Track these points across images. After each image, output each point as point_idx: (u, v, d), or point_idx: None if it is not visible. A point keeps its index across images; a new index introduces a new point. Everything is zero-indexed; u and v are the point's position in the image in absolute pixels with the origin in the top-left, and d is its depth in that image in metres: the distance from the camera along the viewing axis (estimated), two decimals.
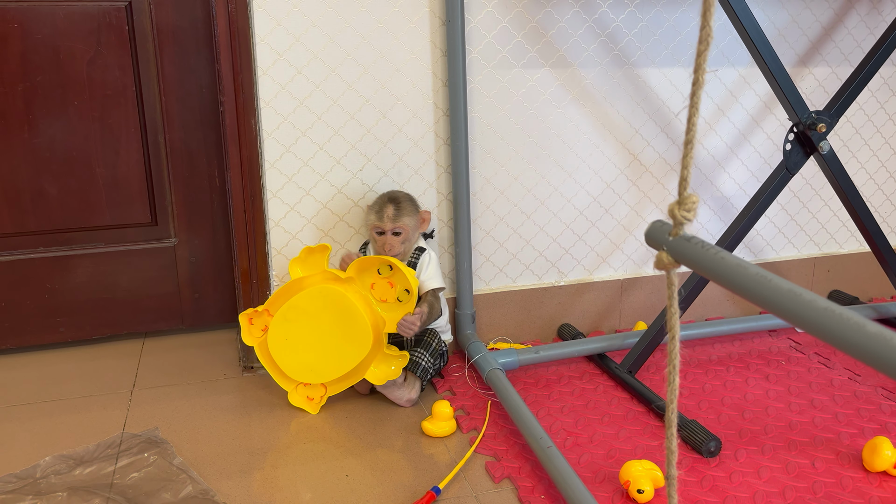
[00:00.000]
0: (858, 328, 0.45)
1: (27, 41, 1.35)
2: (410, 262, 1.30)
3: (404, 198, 1.30)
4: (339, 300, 1.22)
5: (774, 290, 0.51)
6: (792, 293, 0.51)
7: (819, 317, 0.48)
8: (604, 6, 1.41)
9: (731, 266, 0.56)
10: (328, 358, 1.23)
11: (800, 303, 0.49)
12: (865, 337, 0.45)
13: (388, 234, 1.27)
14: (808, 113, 1.26)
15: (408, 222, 1.28)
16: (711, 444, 1.10)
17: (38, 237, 1.45)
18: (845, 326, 0.46)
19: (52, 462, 1.10)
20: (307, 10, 1.25)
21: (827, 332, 0.47)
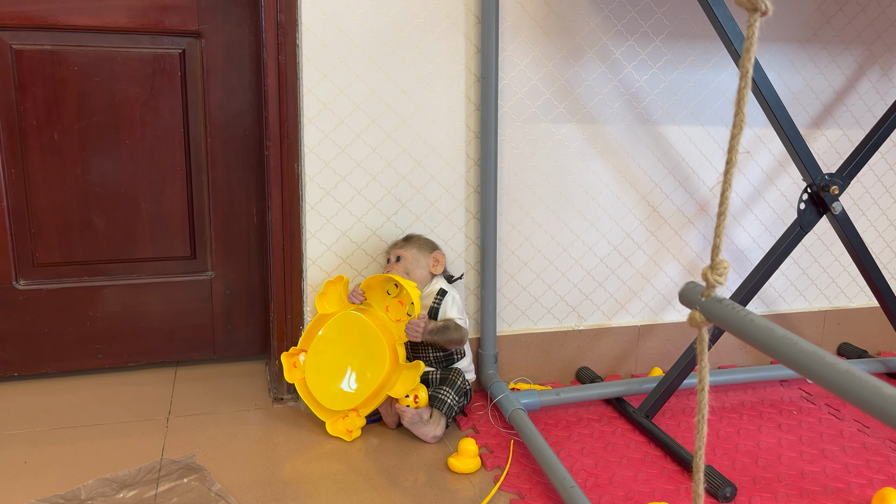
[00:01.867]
0: (875, 389, 0.51)
1: (86, 83, 1.43)
2: (433, 307, 1.36)
3: (420, 237, 1.41)
4: (357, 323, 1.34)
5: (800, 352, 0.58)
6: (816, 355, 0.57)
7: (839, 378, 0.54)
8: (629, 67, 1.49)
9: (759, 328, 0.62)
10: (356, 381, 1.33)
11: (823, 364, 0.56)
12: (881, 397, 0.51)
13: (392, 260, 1.35)
14: (821, 175, 1.33)
15: (411, 252, 1.36)
16: (727, 490, 1.15)
17: (83, 267, 1.52)
18: (862, 387, 0.52)
19: (96, 485, 1.15)
20: (352, 65, 1.34)
21: (845, 391, 0.53)
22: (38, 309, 1.50)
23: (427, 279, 1.39)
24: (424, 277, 1.38)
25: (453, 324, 1.35)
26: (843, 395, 0.54)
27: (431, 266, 1.38)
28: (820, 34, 1.60)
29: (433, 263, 1.38)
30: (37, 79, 1.41)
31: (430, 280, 1.39)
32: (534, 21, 1.41)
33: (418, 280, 1.37)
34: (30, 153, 1.43)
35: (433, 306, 1.36)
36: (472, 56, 1.40)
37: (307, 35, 1.31)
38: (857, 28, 1.62)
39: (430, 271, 1.39)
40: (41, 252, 1.49)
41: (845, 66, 1.64)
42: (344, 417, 1.34)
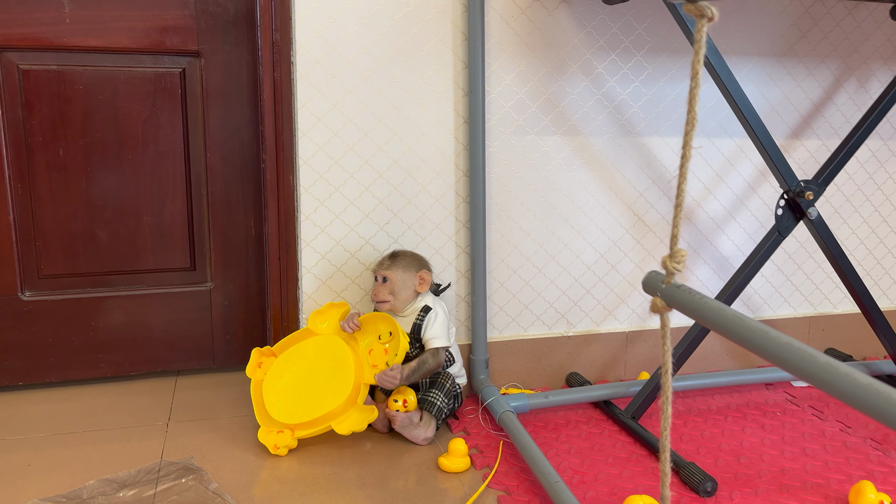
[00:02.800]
0: (795, 350, 0.56)
1: (90, 101, 1.49)
2: (416, 324, 1.40)
3: (407, 254, 1.42)
4: (338, 351, 1.36)
5: (747, 328, 0.63)
6: (762, 330, 0.62)
7: (780, 349, 0.59)
8: (611, 81, 1.55)
9: (713, 309, 0.67)
10: (306, 401, 1.34)
11: (766, 338, 0.60)
12: (801, 356, 0.56)
13: (378, 280, 1.39)
14: (796, 181, 1.39)
15: (397, 274, 1.39)
16: (708, 485, 1.19)
17: (86, 278, 1.57)
18: (788, 350, 0.57)
19: (98, 485, 1.19)
20: (344, 81, 1.40)
21: (783, 360, 0.58)
22: (42, 320, 1.55)
23: (412, 298, 1.42)
24: (410, 297, 1.41)
25: (428, 355, 1.38)
26: (780, 363, 0.59)
27: (417, 285, 1.41)
28: (796, 48, 1.66)
29: (419, 283, 1.41)
30: (43, 97, 1.47)
31: (415, 297, 1.43)
32: (519, 37, 1.47)
33: (404, 300, 1.40)
34: (36, 169, 1.49)
35: (416, 323, 1.40)
36: (459, 71, 1.46)
37: (301, 53, 1.37)
38: (832, 42, 1.68)
39: (416, 290, 1.42)
40: (46, 264, 1.54)
41: (822, 79, 1.69)
42: (279, 432, 1.34)
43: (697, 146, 1.63)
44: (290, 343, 1.41)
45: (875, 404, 0.49)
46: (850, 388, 0.51)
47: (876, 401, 0.49)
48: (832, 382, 0.53)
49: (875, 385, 0.50)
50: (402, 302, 1.40)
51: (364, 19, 1.39)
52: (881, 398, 0.49)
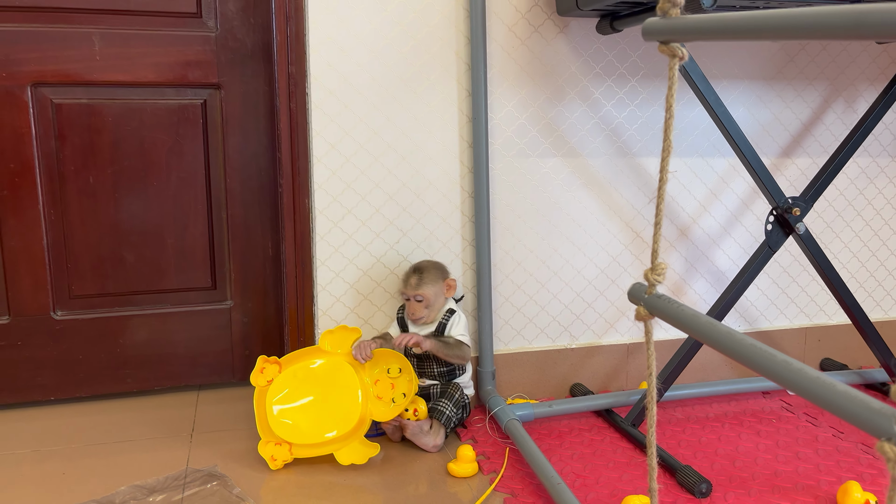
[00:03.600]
0: (767, 356, 0.64)
1: (118, 132, 1.60)
2: (441, 324, 1.49)
3: (429, 267, 1.49)
4: (346, 378, 1.42)
5: (718, 332, 0.70)
6: (730, 334, 0.69)
7: (747, 351, 0.66)
8: (608, 105, 1.64)
9: (688, 316, 0.75)
10: (309, 421, 1.40)
11: (733, 339, 0.68)
12: (772, 362, 0.63)
13: (411, 300, 1.47)
14: (784, 198, 1.46)
15: (429, 290, 1.47)
16: (703, 486, 1.25)
17: (114, 298, 1.66)
18: (753, 351, 0.65)
19: (129, 490, 1.27)
20: (356, 110, 1.49)
21: (749, 361, 0.66)
22: (73, 337, 1.64)
23: (443, 304, 1.51)
24: (441, 305, 1.50)
25: (453, 341, 1.47)
26: (749, 364, 0.66)
27: (445, 293, 1.51)
28: (785, 71, 1.74)
29: (446, 290, 1.51)
30: (75, 129, 1.57)
31: (444, 304, 1.51)
32: (519, 66, 1.56)
33: (437, 309, 1.49)
34: (68, 196, 1.59)
35: (442, 322, 1.49)
36: (463, 99, 1.55)
37: (315, 84, 1.47)
38: (820, 65, 1.76)
39: (445, 297, 1.51)
40: (76, 285, 1.63)
41: (811, 100, 1.77)
42: (277, 444, 1.39)
43: (673, 171, 1.71)
44: (298, 358, 1.45)
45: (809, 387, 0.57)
46: (797, 378, 0.59)
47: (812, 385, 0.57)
48: (786, 377, 0.61)
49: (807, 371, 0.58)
50: (436, 311, 1.49)
51: (374, 52, 1.48)
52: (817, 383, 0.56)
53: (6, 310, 1.60)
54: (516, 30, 1.55)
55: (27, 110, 1.54)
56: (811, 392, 0.59)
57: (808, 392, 0.59)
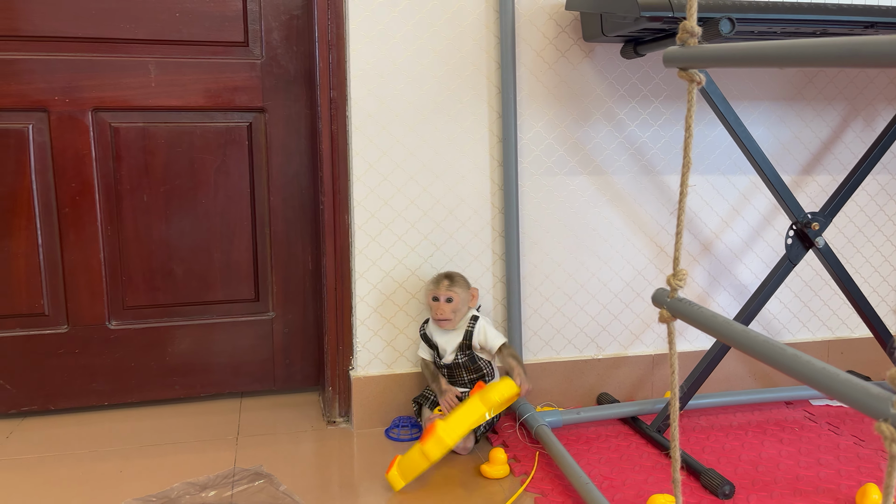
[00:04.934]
0: (782, 351, 0.70)
1: (170, 153, 1.71)
2: (467, 331, 1.56)
3: (458, 275, 1.57)
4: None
5: (734, 330, 0.77)
6: (746, 333, 0.76)
7: (760, 346, 0.73)
8: (632, 126, 1.72)
9: (707, 316, 0.82)
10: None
11: (748, 336, 0.75)
12: (790, 358, 0.70)
13: (441, 300, 1.54)
14: (803, 213, 1.52)
15: (459, 292, 1.54)
16: (726, 488, 1.31)
17: (164, 309, 1.76)
18: (775, 350, 0.72)
19: (182, 487, 1.36)
20: (393, 131, 1.59)
21: (762, 355, 0.72)
22: (126, 346, 1.74)
23: (466, 313, 1.58)
24: (465, 312, 1.57)
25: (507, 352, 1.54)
26: (761, 357, 0.73)
27: (471, 301, 1.58)
28: (804, 92, 1.80)
29: (471, 299, 1.58)
30: (131, 150, 1.69)
31: (467, 312, 1.59)
32: (547, 89, 1.65)
33: (461, 315, 1.56)
34: (123, 213, 1.70)
35: (468, 330, 1.56)
36: (494, 120, 1.64)
37: (355, 108, 1.56)
38: (838, 86, 1.82)
39: (469, 305, 1.59)
40: (130, 296, 1.74)
41: (830, 120, 1.83)
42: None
43: (692, 185, 1.77)
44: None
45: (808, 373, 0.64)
46: (806, 370, 0.66)
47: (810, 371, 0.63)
48: (795, 367, 0.67)
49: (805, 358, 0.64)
50: (459, 317, 1.56)
51: (410, 77, 1.58)
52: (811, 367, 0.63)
53: (65, 319, 1.71)
54: (544, 55, 1.64)
55: (88, 133, 1.66)
56: (817, 380, 0.66)
57: (815, 381, 0.66)
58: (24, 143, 1.63)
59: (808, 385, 0.66)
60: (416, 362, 1.67)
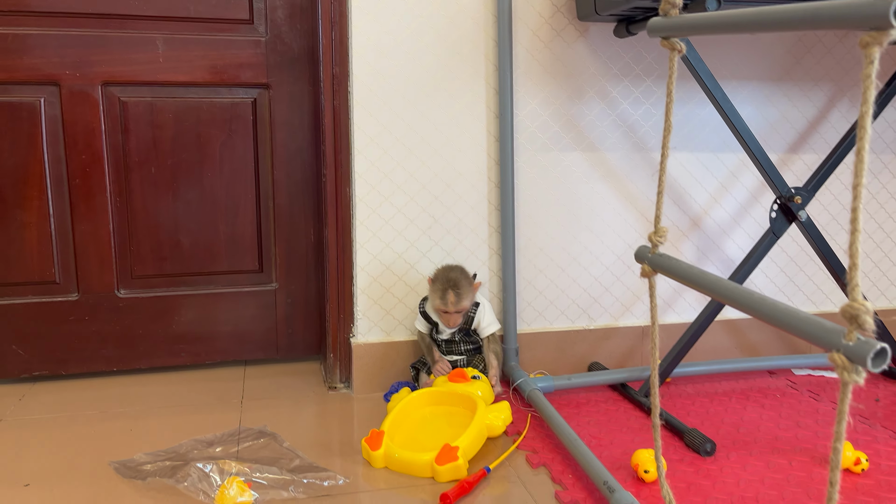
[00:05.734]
0: (762, 301, 0.77)
1: (178, 127, 1.76)
2: (469, 316, 1.62)
3: (461, 280, 1.58)
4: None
5: (708, 279, 0.83)
6: (718, 280, 0.83)
7: (730, 291, 0.80)
8: (624, 104, 1.77)
9: (684, 268, 0.88)
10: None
11: (720, 284, 0.81)
12: (768, 307, 0.76)
13: (451, 314, 1.60)
14: (787, 188, 1.58)
15: (466, 303, 1.60)
16: (708, 446, 1.38)
17: (171, 279, 1.83)
18: (756, 301, 0.78)
19: (191, 443, 1.43)
20: (393, 106, 1.65)
21: (732, 299, 0.79)
22: (134, 314, 1.81)
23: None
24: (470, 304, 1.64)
25: (492, 345, 1.64)
26: (731, 301, 0.79)
27: (474, 295, 1.65)
28: (791, 73, 1.86)
29: (474, 293, 1.64)
30: (139, 124, 1.74)
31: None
32: (542, 67, 1.71)
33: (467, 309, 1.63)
34: (132, 185, 1.76)
35: (469, 315, 1.63)
36: (491, 97, 1.69)
37: (357, 83, 1.62)
38: (825, 67, 1.88)
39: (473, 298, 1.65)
40: (138, 266, 1.80)
41: (816, 100, 1.89)
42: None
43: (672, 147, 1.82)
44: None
45: (784, 319, 0.70)
46: (769, 311, 0.72)
47: (785, 317, 0.70)
48: (761, 309, 0.74)
49: (782, 306, 0.71)
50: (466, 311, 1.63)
51: (410, 54, 1.64)
52: (790, 314, 0.70)
53: (76, 288, 1.77)
54: (540, 34, 1.69)
55: (98, 107, 1.71)
56: (780, 319, 0.72)
57: (778, 319, 0.72)
58: (36, 116, 1.69)
59: (769, 322, 0.72)
60: (413, 331, 1.73)
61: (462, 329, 1.63)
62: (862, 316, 0.62)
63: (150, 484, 1.27)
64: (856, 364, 0.63)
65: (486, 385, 1.57)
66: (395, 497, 1.24)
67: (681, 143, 1.82)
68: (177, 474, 1.25)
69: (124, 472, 1.31)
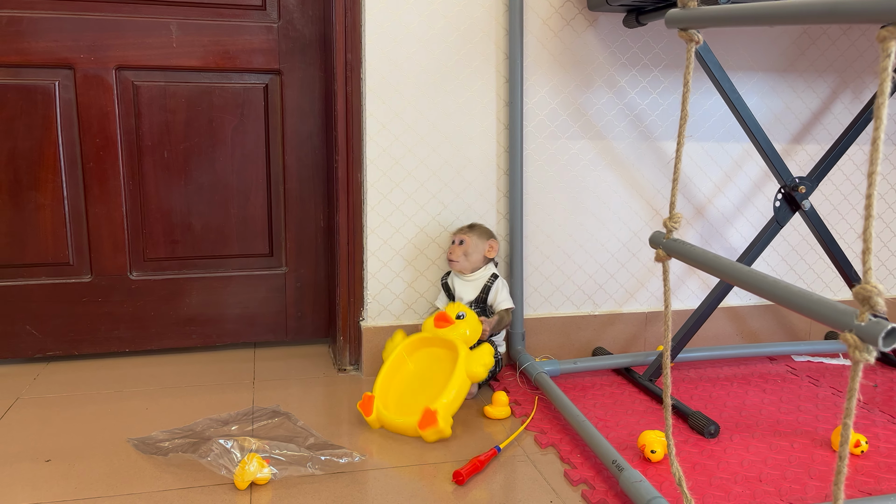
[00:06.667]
0: (773, 283, 0.80)
1: (190, 112, 1.78)
2: (486, 286, 1.65)
3: (481, 226, 1.69)
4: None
5: (721, 263, 0.87)
6: (732, 264, 0.86)
7: (744, 275, 0.83)
8: (632, 93, 1.80)
9: (698, 253, 0.91)
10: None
11: (734, 268, 0.84)
12: (778, 288, 0.79)
13: (455, 242, 1.64)
14: (791, 177, 1.61)
15: (471, 237, 1.64)
16: (712, 427, 1.41)
17: (183, 261, 1.85)
18: (767, 283, 0.81)
19: (206, 422, 1.46)
20: (405, 93, 1.67)
21: (746, 283, 0.82)
22: (146, 296, 1.83)
23: (481, 262, 1.67)
24: (478, 262, 1.66)
25: (503, 314, 1.65)
26: (745, 284, 0.82)
27: (486, 251, 1.67)
28: (796, 64, 1.89)
29: (488, 249, 1.67)
30: (153, 109, 1.76)
31: (484, 263, 1.68)
32: (552, 56, 1.73)
33: (473, 262, 1.65)
34: (145, 168, 1.78)
35: (486, 285, 1.65)
36: (501, 85, 1.72)
37: (370, 70, 1.64)
38: (829, 59, 1.91)
39: (486, 255, 1.67)
40: (150, 249, 1.82)
41: (820, 91, 1.92)
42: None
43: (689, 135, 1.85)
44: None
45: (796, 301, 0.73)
46: (783, 293, 0.75)
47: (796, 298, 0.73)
48: (774, 292, 0.77)
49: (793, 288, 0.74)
50: (472, 265, 1.65)
51: (422, 42, 1.66)
52: (802, 295, 0.73)
53: (89, 269, 1.79)
54: (550, 23, 1.71)
55: (112, 91, 1.73)
56: (794, 301, 0.75)
57: (792, 301, 0.76)
58: (51, 99, 1.70)
59: (782, 304, 0.76)
60: (423, 314, 1.76)
61: (479, 304, 1.65)
62: (874, 297, 0.66)
63: (171, 459, 1.30)
64: (867, 343, 0.66)
65: (471, 322, 1.56)
66: (411, 474, 1.28)
67: (686, 132, 1.84)
68: (199, 449, 1.28)
69: (143, 448, 1.34)
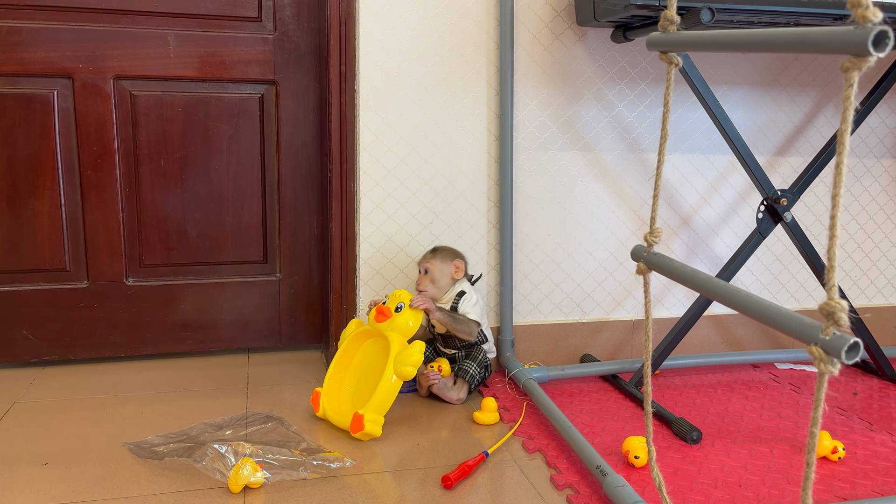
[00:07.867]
0: (747, 297, 0.84)
1: (187, 121, 1.81)
2: (453, 306, 1.67)
3: (443, 248, 1.68)
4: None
5: (698, 277, 0.90)
6: (708, 278, 0.90)
7: (718, 288, 0.87)
8: (619, 106, 1.84)
9: (676, 267, 0.95)
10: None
11: (711, 282, 0.88)
12: (736, 294, 0.83)
13: (421, 272, 1.67)
14: (773, 190, 1.66)
15: (434, 263, 1.65)
16: (694, 434, 1.45)
17: (178, 268, 1.88)
18: (727, 289, 0.85)
19: (201, 426, 1.49)
20: (398, 105, 1.71)
21: (720, 296, 0.86)
22: (142, 302, 1.86)
23: (450, 285, 1.69)
24: (447, 284, 1.68)
25: (469, 323, 1.65)
26: (718, 297, 0.86)
27: (453, 273, 1.69)
28: (780, 79, 1.94)
29: (454, 270, 1.69)
30: (149, 118, 1.79)
31: (452, 284, 1.70)
32: (542, 70, 1.77)
33: (442, 287, 1.68)
34: (142, 176, 1.81)
35: (453, 305, 1.68)
36: (492, 98, 1.76)
37: (363, 82, 1.68)
38: (812, 74, 1.95)
39: (453, 277, 1.70)
40: (146, 255, 1.85)
41: (803, 105, 1.97)
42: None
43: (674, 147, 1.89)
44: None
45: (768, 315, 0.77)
46: (755, 307, 0.79)
47: (768, 312, 0.77)
48: (745, 305, 0.81)
49: (765, 302, 0.78)
50: (441, 289, 1.68)
51: (415, 55, 1.69)
52: (773, 310, 0.77)
53: (86, 275, 1.82)
54: (540, 37, 1.76)
55: (109, 100, 1.76)
56: (764, 315, 0.79)
57: (762, 315, 0.79)
58: (50, 107, 1.73)
59: (753, 318, 0.79)
60: None
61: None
62: (837, 313, 0.69)
63: (166, 463, 1.33)
64: (831, 356, 0.70)
65: (407, 315, 1.57)
66: (400, 479, 1.31)
67: (672, 144, 1.89)
68: (194, 453, 1.31)
69: (139, 452, 1.37)
